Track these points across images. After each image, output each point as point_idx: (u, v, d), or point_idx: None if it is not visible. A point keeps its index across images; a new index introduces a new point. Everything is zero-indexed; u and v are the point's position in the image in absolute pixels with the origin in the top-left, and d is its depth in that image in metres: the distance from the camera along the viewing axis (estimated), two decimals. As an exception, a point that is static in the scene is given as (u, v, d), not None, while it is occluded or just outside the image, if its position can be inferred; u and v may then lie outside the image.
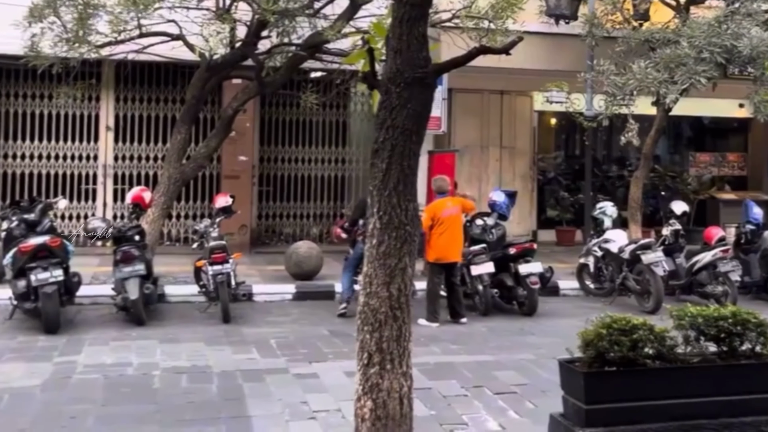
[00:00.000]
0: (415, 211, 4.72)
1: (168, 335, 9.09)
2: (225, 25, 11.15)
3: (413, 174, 4.70)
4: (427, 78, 4.65)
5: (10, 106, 14.85)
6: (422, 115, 4.71)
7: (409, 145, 4.65)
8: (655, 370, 4.81)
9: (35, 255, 9.31)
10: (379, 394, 4.67)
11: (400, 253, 4.64)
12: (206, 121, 15.01)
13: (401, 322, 4.69)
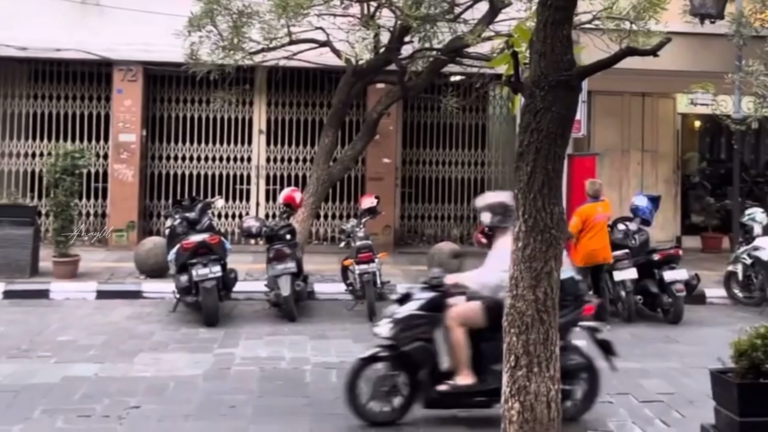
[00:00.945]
0: (560, 214, 4.70)
1: (318, 331, 9.33)
2: (370, 31, 11.38)
3: (558, 177, 4.68)
4: (572, 81, 4.61)
5: (171, 111, 15.52)
6: (567, 118, 4.68)
7: (554, 148, 4.63)
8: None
9: (196, 251, 9.71)
10: (527, 397, 4.68)
11: (546, 256, 4.64)
12: (352, 125, 15.27)
13: (548, 325, 4.69)
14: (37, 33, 13.95)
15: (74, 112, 15.14)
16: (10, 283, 10.94)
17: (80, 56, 14.38)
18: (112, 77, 14.78)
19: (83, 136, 14.92)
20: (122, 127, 14.62)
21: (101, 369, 7.64)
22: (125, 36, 14.07)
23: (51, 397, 6.81)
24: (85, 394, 6.90)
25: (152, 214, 15.33)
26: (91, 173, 14.15)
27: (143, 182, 14.96)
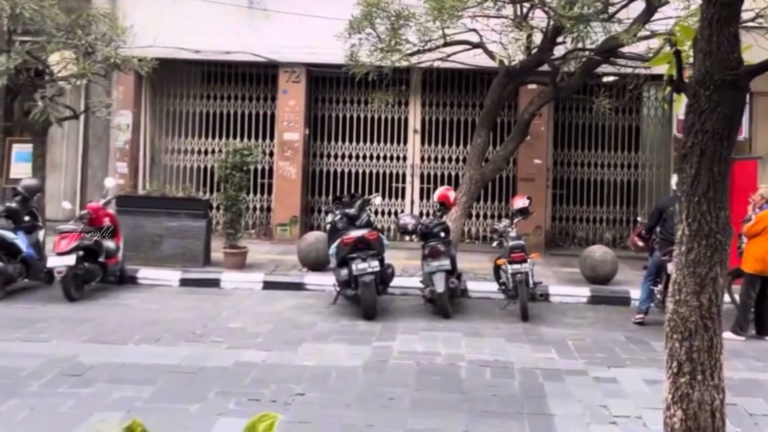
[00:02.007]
0: (726, 219, 4.51)
1: (471, 329, 9.36)
2: (522, 32, 11.28)
3: (723, 180, 4.47)
4: (739, 80, 4.40)
5: (332, 111, 15.90)
6: (733, 119, 4.48)
7: (720, 149, 4.43)
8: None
9: (355, 246, 9.92)
10: (690, 405, 4.55)
11: (711, 261, 4.46)
12: (504, 125, 15.20)
13: (712, 333, 4.53)
14: (209, 37, 14.61)
15: (242, 111, 15.76)
16: (185, 271, 11.55)
17: (248, 59, 14.94)
18: (278, 78, 15.27)
19: (251, 135, 15.51)
20: (286, 126, 15.11)
21: (268, 356, 7.95)
22: (290, 39, 14.55)
23: (224, 380, 7.15)
24: (255, 379, 7.21)
25: (313, 209, 15.76)
26: (258, 170, 14.70)
27: (305, 179, 15.39)
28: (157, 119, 15.79)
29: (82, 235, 10.22)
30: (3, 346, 7.97)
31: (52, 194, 13.74)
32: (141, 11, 14.38)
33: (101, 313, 9.57)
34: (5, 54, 11.42)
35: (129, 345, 8.20)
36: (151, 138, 15.62)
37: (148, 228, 11.88)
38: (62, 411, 6.26)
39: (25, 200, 10.71)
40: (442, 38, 11.74)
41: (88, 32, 12.26)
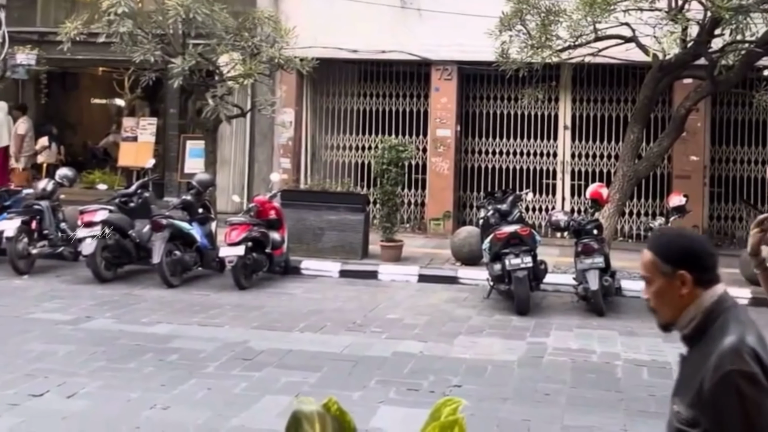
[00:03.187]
0: None
1: (626, 328, 9.15)
2: (678, 25, 10.86)
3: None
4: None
5: (483, 107, 15.84)
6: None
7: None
8: None
9: (508, 242, 9.87)
10: None
11: None
12: (658, 121, 14.71)
13: None
14: (365, 37, 14.88)
15: (397, 108, 15.94)
16: (345, 263, 11.83)
17: (402, 57, 15.10)
18: (430, 76, 15.34)
19: (405, 131, 15.66)
20: (439, 123, 15.20)
21: (425, 347, 8.06)
22: (442, 38, 14.60)
23: (384, 369, 7.32)
24: (413, 369, 7.35)
25: (465, 204, 15.76)
26: (412, 165, 14.83)
27: (458, 175, 15.41)
28: (317, 116, 16.22)
29: (251, 227, 10.67)
30: (182, 330, 8.47)
31: (222, 188, 14.38)
32: (302, 13, 14.79)
33: (268, 302, 9.98)
34: (180, 56, 12.02)
35: (295, 332, 8.53)
36: (311, 135, 16.07)
37: (310, 221, 12.26)
38: (236, 392, 6.59)
39: (198, 194, 11.28)
40: (593, 33, 11.49)
41: (254, 34, 12.75)
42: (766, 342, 2.45)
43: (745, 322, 2.46)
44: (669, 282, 2.48)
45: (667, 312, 2.53)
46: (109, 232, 10.64)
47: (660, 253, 2.51)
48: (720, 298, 2.50)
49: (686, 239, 2.60)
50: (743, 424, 2.31)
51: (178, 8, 11.58)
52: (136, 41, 12.23)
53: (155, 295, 9.99)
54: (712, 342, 2.42)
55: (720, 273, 2.56)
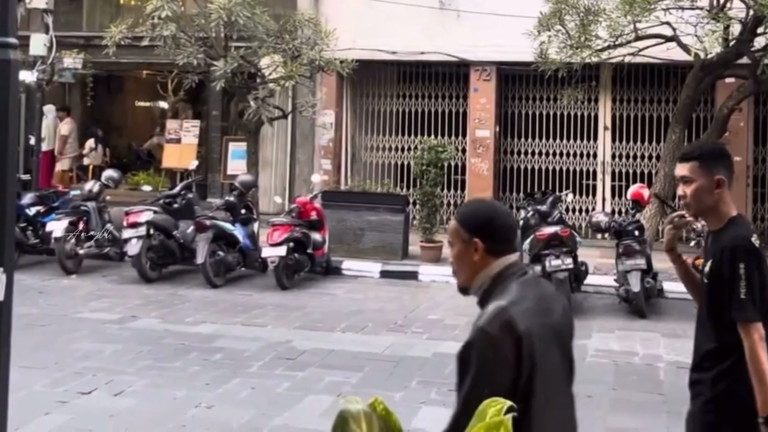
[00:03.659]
0: None
1: (669, 330, 9.03)
2: (719, 23, 10.73)
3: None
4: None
5: (522, 108, 15.77)
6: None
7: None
8: None
9: (549, 243, 9.81)
10: None
11: None
12: (699, 121, 14.51)
13: None
14: (404, 39, 14.89)
15: (436, 109, 15.92)
16: (385, 263, 11.85)
17: (441, 58, 15.09)
18: (469, 77, 15.33)
19: (444, 132, 15.64)
20: (478, 124, 15.16)
21: (466, 348, 8.06)
22: (480, 38, 14.56)
23: (425, 369, 7.31)
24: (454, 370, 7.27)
25: (505, 205, 15.66)
26: (451, 166, 14.78)
27: (497, 175, 15.38)
28: (357, 118, 16.26)
29: (292, 228, 10.73)
30: (226, 329, 8.54)
31: (264, 189, 14.49)
32: (342, 16, 14.85)
33: (310, 302, 10.03)
34: (222, 59, 12.14)
35: (336, 332, 8.56)
36: (351, 136, 16.11)
37: (350, 222, 12.30)
38: (279, 392, 6.63)
39: (241, 195, 11.37)
40: (633, 33, 11.40)
41: (295, 37, 12.83)
42: (552, 312, 2.61)
43: (528, 290, 2.58)
44: (466, 248, 2.64)
45: (462, 275, 2.72)
46: (154, 232, 10.78)
47: (461, 221, 2.68)
48: (508, 266, 2.63)
49: (487, 210, 2.76)
50: (473, 381, 2.42)
51: (220, 11, 11.70)
52: (179, 44, 12.38)
53: (199, 295, 10.09)
54: (486, 306, 2.54)
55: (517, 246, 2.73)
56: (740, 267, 3.16)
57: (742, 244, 3.21)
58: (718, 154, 3.41)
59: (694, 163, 3.33)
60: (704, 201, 3.32)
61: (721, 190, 3.31)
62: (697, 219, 3.55)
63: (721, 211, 3.34)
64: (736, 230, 3.28)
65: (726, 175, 3.32)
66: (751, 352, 3.15)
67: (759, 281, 3.17)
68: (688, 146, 3.94)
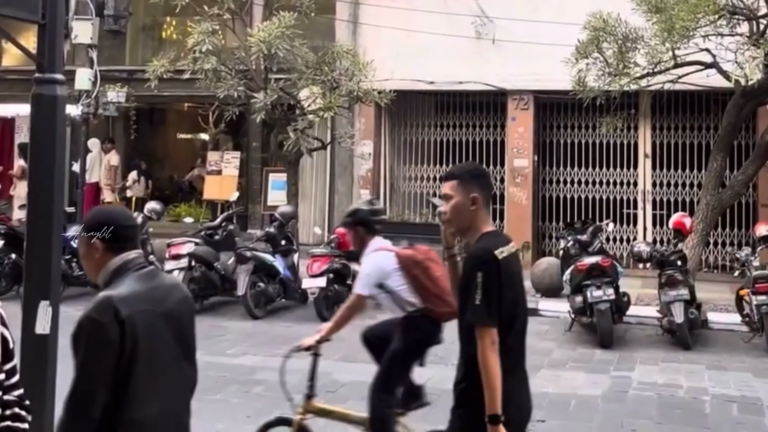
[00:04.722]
0: None
1: (714, 362, 8.90)
2: (760, 49, 10.61)
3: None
4: None
5: (560, 136, 15.71)
6: None
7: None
8: None
9: (589, 273, 9.75)
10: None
11: None
12: (741, 148, 14.31)
13: None
14: (441, 69, 14.96)
15: (474, 139, 15.94)
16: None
17: (478, 88, 15.12)
18: (507, 106, 15.33)
19: (482, 161, 15.55)
20: (516, 153, 15.12)
21: (508, 381, 7.99)
22: (517, 67, 14.56)
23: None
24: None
25: (545, 235, 15.62)
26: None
27: (536, 205, 15.29)
28: (396, 148, 16.32)
29: (332, 259, 10.76)
30: (267, 361, 8.55)
31: (304, 220, 14.58)
32: (379, 46, 14.98)
33: (350, 334, 9.91)
34: (262, 91, 12.28)
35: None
36: (390, 166, 16.17)
37: (389, 252, 12.27)
38: (321, 424, 6.59)
39: (281, 226, 11.44)
40: (672, 60, 11.29)
41: (333, 68, 12.92)
42: (165, 301, 3.02)
43: (141, 281, 2.97)
44: (88, 249, 3.03)
45: (90, 273, 3.08)
46: (196, 264, 10.88)
47: (84, 229, 3.06)
48: (126, 262, 3.00)
49: (102, 214, 3.17)
50: (84, 359, 2.82)
51: (260, 44, 11.84)
52: (220, 77, 12.55)
53: (240, 326, 10.14)
54: None
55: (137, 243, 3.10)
56: (478, 275, 3.38)
57: (482, 254, 3.45)
58: (476, 174, 3.72)
59: (453, 182, 3.64)
60: (462, 217, 3.61)
61: (477, 207, 3.59)
62: (459, 234, 3.73)
63: (477, 227, 3.60)
64: (483, 243, 3.53)
65: (482, 194, 3.62)
66: (482, 356, 3.37)
67: (496, 290, 3.39)
68: (450, 167, 4.31)
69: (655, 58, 11.19)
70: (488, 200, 3.71)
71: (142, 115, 18.79)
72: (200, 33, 12.14)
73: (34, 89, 4.80)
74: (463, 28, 14.79)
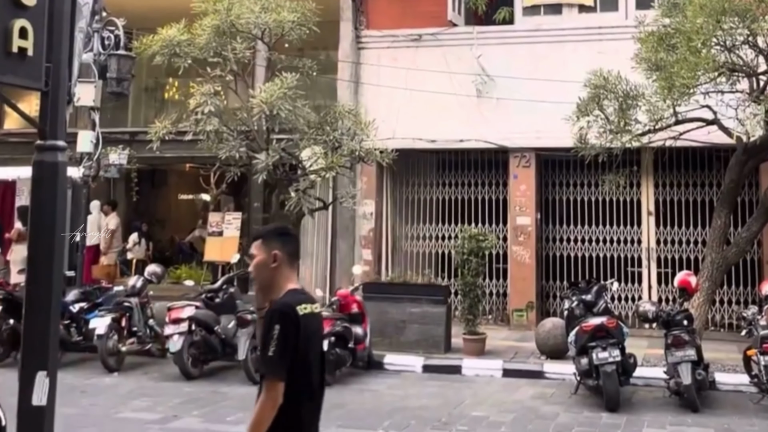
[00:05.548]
0: None
1: (723, 424, 8.75)
2: (761, 106, 10.67)
3: None
4: None
5: (563, 194, 15.68)
6: None
7: None
8: None
9: (595, 334, 9.65)
10: None
11: None
12: (745, 205, 14.33)
13: None
14: (443, 127, 15.05)
15: (476, 197, 15.94)
16: (428, 357, 11.73)
17: (480, 145, 15.18)
18: (508, 164, 15.34)
19: (484, 220, 15.63)
20: (518, 211, 15.13)
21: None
22: (519, 125, 14.65)
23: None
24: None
25: (549, 294, 15.53)
26: (493, 255, 14.68)
27: (539, 263, 15.21)
28: (398, 207, 16.34)
29: (334, 322, 10.69)
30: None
31: (305, 280, 14.52)
32: (381, 106, 15.11)
33: (352, 398, 9.91)
34: (264, 152, 12.31)
35: (379, 431, 8.43)
36: (392, 225, 16.17)
37: (392, 314, 12.24)
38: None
39: (283, 288, 11.36)
40: (673, 116, 11.36)
41: (335, 128, 12.97)
42: None
43: None
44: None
45: None
46: (196, 328, 10.83)
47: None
48: None
49: None
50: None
51: (262, 105, 11.90)
52: (222, 138, 12.60)
53: (241, 392, 10.03)
54: None
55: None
56: (275, 328, 3.57)
57: (282, 308, 3.64)
58: (279, 233, 3.93)
59: (257, 242, 3.88)
60: (262, 274, 3.82)
61: (278, 264, 3.79)
62: (264, 292, 3.88)
63: (280, 284, 3.79)
64: (286, 298, 3.72)
65: (283, 251, 3.81)
66: (260, 406, 3.60)
67: (293, 345, 3.58)
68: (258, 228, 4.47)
69: (656, 115, 11.24)
70: (292, 259, 3.88)
71: (143, 176, 18.87)
72: (203, 94, 12.22)
73: (36, 156, 4.83)
74: (464, 86, 14.94)
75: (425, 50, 15.43)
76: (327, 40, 15.36)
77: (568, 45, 14.77)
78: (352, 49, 15.86)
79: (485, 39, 15.22)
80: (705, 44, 10.31)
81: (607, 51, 13.68)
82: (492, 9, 15.44)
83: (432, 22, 15.43)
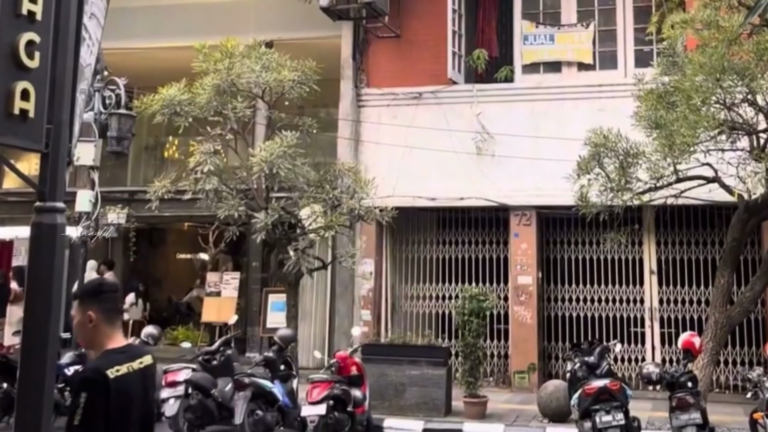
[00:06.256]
0: None
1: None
2: (761, 164, 10.74)
3: None
4: None
5: (564, 253, 15.68)
6: None
7: None
8: None
9: (598, 397, 9.58)
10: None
11: None
12: (748, 263, 14.31)
13: None
14: (443, 185, 15.13)
15: (476, 256, 15.93)
16: (428, 421, 11.61)
17: (480, 204, 15.22)
18: (509, 222, 15.36)
19: (485, 279, 15.57)
20: (520, 270, 15.09)
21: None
22: (519, 183, 14.74)
23: None
24: None
25: (551, 355, 15.43)
26: (493, 315, 14.63)
27: (541, 324, 15.14)
28: (397, 266, 16.32)
29: (332, 385, 10.60)
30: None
31: (303, 342, 14.45)
32: (380, 164, 15.23)
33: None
34: (263, 211, 12.35)
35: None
36: (391, 285, 16.12)
37: (391, 376, 12.15)
38: None
39: (281, 350, 11.32)
40: (674, 174, 11.41)
41: (335, 186, 13.05)
42: None
43: None
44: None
45: None
46: (192, 391, 10.73)
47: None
48: None
49: None
50: None
51: (262, 164, 11.96)
52: (221, 197, 12.64)
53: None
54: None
55: None
56: (81, 396, 3.53)
57: (89, 374, 3.64)
58: (93, 292, 3.93)
59: (76, 302, 3.90)
60: (82, 334, 3.85)
61: (94, 324, 3.79)
62: (90, 350, 4.03)
63: (101, 343, 3.80)
64: (97, 361, 3.73)
65: (99, 310, 3.82)
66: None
67: (102, 413, 3.52)
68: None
69: (657, 173, 11.29)
70: (111, 315, 3.89)
71: (141, 235, 18.91)
72: (202, 153, 12.31)
73: (35, 218, 4.83)
74: (464, 144, 15.06)
75: (425, 108, 15.60)
76: (327, 97, 15.55)
77: (568, 102, 14.94)
78: (353, 107, 16.03)
79: (485, 96, 15.39)
80: (705, 102, 10.42)
81: (606, 108, 13.85)
82: (492, 67, 15.66)
83: (432, 80, 15.62)
